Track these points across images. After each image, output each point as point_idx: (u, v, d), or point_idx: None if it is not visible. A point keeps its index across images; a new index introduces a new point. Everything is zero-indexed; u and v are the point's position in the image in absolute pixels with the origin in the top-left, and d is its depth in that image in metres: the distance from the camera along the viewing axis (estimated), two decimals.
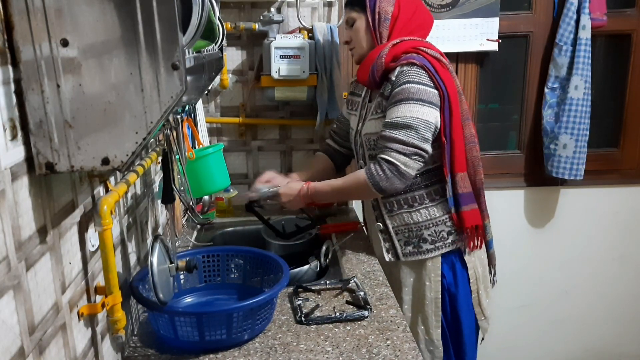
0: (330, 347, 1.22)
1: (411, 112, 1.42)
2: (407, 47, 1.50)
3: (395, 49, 1.50)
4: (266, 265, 1.45)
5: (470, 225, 1.54)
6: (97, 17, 0.74)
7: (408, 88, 1.44)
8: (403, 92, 1.44)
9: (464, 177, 1.52)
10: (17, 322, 0.74)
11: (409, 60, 1.47)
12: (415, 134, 1.42)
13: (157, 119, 0.79)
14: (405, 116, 1.42)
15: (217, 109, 2.15)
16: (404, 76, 1.46)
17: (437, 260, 1.57)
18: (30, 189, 0.79)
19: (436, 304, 1.58)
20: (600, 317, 2.53)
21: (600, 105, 2.29)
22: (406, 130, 1.42)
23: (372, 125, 1.57)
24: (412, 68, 1.45)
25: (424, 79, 1.45)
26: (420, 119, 1.42)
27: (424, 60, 1.47)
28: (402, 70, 1.47)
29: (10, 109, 0.74)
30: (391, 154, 1.43)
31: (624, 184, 2.39)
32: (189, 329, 1.18)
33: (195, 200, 1.72)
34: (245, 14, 2.05)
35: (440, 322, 1.59)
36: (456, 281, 1.58)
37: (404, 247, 1.59)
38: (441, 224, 1.56)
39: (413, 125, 1.42)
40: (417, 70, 1.45)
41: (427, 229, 1.56)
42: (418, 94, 1.43)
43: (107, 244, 0.97)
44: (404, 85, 1.45)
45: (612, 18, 2.18)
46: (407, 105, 1.43)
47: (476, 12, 2.13)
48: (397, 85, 1.46)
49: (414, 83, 1.44)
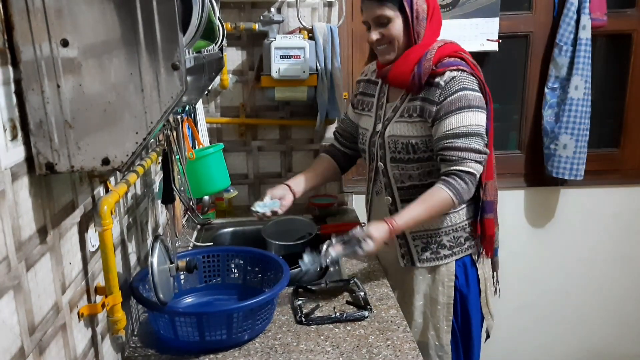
0: (330, 348, 1.22)
1: (475, 120, 1.41)
2: (450, 51, 1.46)
3: (441, 51, 1.45)
4: (266, 265, 1.45)
5: (491, 232, 1.55)
6: (97, 17, 0.74)
7: (466, 95, 1.41)
8: (462, 99, 1.41)
9: (492, 185, 1.52)
10: (17, 322, 0.74)
11: (458, 66, 1.43)
12: (482, 141, 1.42)
13: (157, 119, 0.79)
14: (471, 124, 1.41)
15: (217, 109, 2.15)
16: (458, 83, 1.42)
17: (452, 266, 1.55)
18: (31, 189, 0.79)
19: (448, 309, 1.56)
20: (600, 317, 2.53)
21: (600, 106, 2.29)
22: (476, 138, 1.41)
23: (401, 128, 1.50)
24: (463, 74, 1.43)
25: (475, 85, 1.43)
26: (482, 126, 1.42)
27: (468, 66, 1.45)
28: (454, 77, 1.42)
29: (10, 109, 0.74)
30: (469, 164, 1.40)
31: (624, 184, 2.39)
32: (189, 329, 1.18)
33: (195, 200, 1.72)
34: (246, 14, 2.05)
35: (450, 326, 1.57)
36: (468, 282, 1.57)
37: (421, 253, 1.56)
38: (460, 230, 1.55)
39: (480, 133, 1.41)
40: (468, 77, 1.43)
41: (446, 234, 1.54)
42: (475, 100, 1.42)
43: (107, 244, 0.97)
44: (461, 92, 1.41)
45: (613, 18, 2.18)
46: (471, 113, 1.41)
47: (476, 12, 2.13)
48: (451, 92, 1.41)
49: (470, 90, 1.42)
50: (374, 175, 1.60)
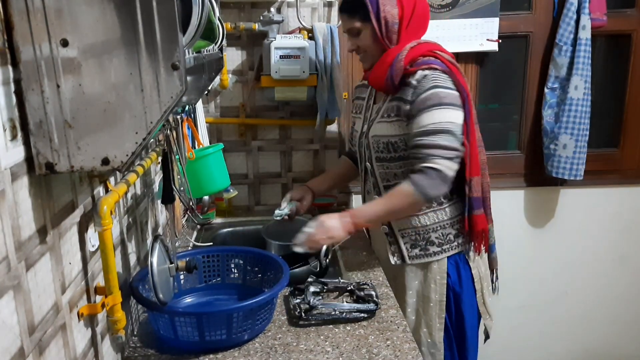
0: (330, 347, 1.22)
1: (445, 117, 1.42)
2: (424, 50, 1.48)
3: (413, 51, 1.47)
4: (266, 265, 1.45)
5: (480, 229, 1.53)
6: (97, 17, 0.74)
7: (437, 93, 1.42)
8: (433, 97, 1.42)
9: (477, 181, 1.51)
10: (17, 322, 0.74)
11: (430, 65, 1.44)
12: (454, 137, 1.42)
13: (157, 119, 0.78)
14: (441, 122, 1.41)
15: (217, 109, 2.15)
16: (429, 81, 1.43)
17: (443, 263, 1.56)
18: (30, 189, 0.78)
19: (440, 307, 1.57)
20: (600, 317, 2.53)
21: (600, 106, 2.29)
22: (446, 135, 1.41)
23: (382, 128, 1.54)
24: (435, 72, 1.43)
25: (448, 82, 1.43)
26: (454, 123, 1.42)
27: (442, 64, 1.46)
28: (425, 75, 1.44)
29: (10, 109, 0.74)
30: (436, 160, 1.41)
31: (624, 184, 2.39)
32: (189, 329, 1.18)
33: (195, 200, 1.72)
34: (245, 14, 2.05)
35: (443, 324, 1.58)
36: (460, 280, 1.58)
37: (411, 249, 1.58)
38: (449, 226, 1.56)
39: (450, 130, 1.41)
40: (441, 75, 1.43)
41: (434, 231, 1.55)
42: (447, 98, 1.42)
43: (107, 244, 0.97)
44: (432, 90, 1.42)
45: (612, 18, 2.18)
46: (441, 110, 1.42)
47: (476, 12, 2.13)
48: (423, 90, 1.43)
49: (442, 87, 1.42)
50: (364, 175, 1.67)
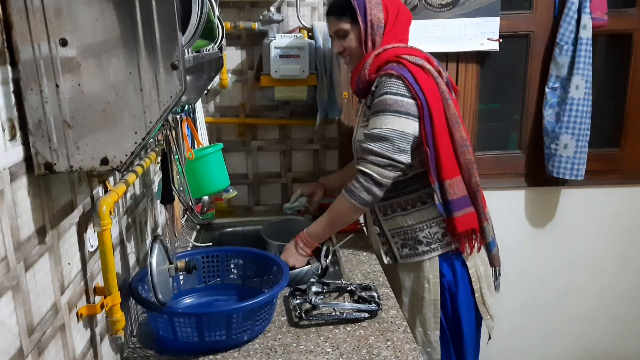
0: (330, 348, 1.22)
1: (387, 123, 1.44)
2: (389, 56, 1.51)
3: (378, 59, 1.52)
4: (266, 265, 1.44)
5: (463, 229, 1.52)
6: (96, 16, 0.74)
7: (385, 99, 1.45)
8: (381, 103, 1.46)
9: (453, 184, 1.50)
10: (16, 322, 0.73)
11: (387, 71, 1.48)
12: (391, 145, 1.44)
13: (157, 118, 0.78)
14: (382, 128, 1.45)
15: (216, 108, 2.15)
16: (382, 87, 1.47)
17: (435, 262, 1.57)
18: (29, 189, 0.78)
19: (435, 306, 1.58)
20: (600, 317, 2.53)
21: (601, 105, 2.29)
22: (382, 143, 1.44)
23: (360, 133, 1.59)
24: (390, 79, 1.46)
25: (401, 89, 1.45)
26: (396, 131, 1.44)
27: (403, 69, 1.47)
28: (381, 81, 1.48)
29: (9, 109, 0.74)
30: (367, 165, 1.46)
31: (624, 184, 2.39)
32: (189, 329, 1.18)
33: (194, 200, 1.72)
34: (245, 13, 2.05)
35: (439, 323, 1.59)
36: (456, 280, 1.58)
37: (401, 249, 1.60)
38: (435, 225, 1.56)
39: (389, 137, 1.44)
40: (395, 81, 1.46)
41: (421, 231, 1.57)
42: (395, 105, 1.44)
43: (106, 244, 0.97)
44: (382, 96, 1.46)
45: (613, 18, 2.18)
46: (384, 117, 1.45)
47: (477, 11, 2.12)
48: (376, 96, 1.49)
49: (391, 94, 1.45)
50: None
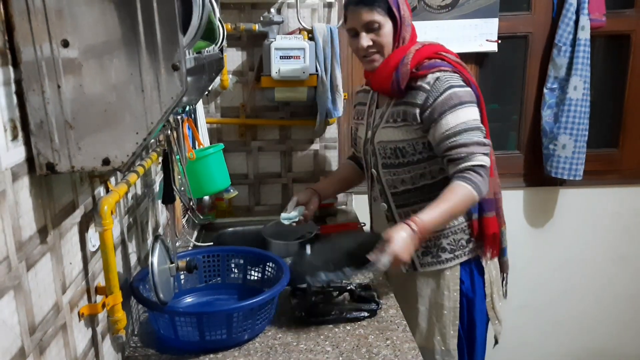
0: (330, 347, 1.22)
1: (469, 115, 1.41)
2: (429, 53, 1.46)
3: (418, 54, 1.44)
4: (266, 265, 1.45)
5: (491, 232, 1.51)
6: (97, 17, 0.74)
7: (455, 92, 1.40)
8: (453, 97, 1.40)
9: (491, 182, 1.47)
10: (18, 322, 0.74)
11: (439, 67, 1.43)
12: (482, 133, 1.42)
13: (158, 119, 0.79)
14: (468, 120, 1.40)
15: (217, 109, 2.15)
16: (443, 82, 1.41)
17: (456, 269, 1.53)
18: (31, 190, 0.79)
19: (454, 314, 1.54)
20: (600, 317, 2.53)
21: (599, 106, 2.29)
22: (477, 132, 1.40)
23: (387, 133, 1.50)
24: (446, 74, 1.42)
25: (461, 82, 1.43)
26: (478, 120, 1.42)
27: (449, 65, 1.45)
28: (438, 77, 1.42)
29: (11, 109, 0.74)
30: (479, 157, 1.37)
31: (623, 184, 2.39)
32: (190, 328, 1.19)
33: (195, 200, 1.72)
34: (246, 15, 2.05)
35: (457, 331, 1.55)
36: (473, 287, 1.55)
37: (422, 257, 1.54)
38: (460, 232, 1.53)
39: (479, 127, 1.41)
40: (453, 75, 1.43)
41: (445, 237, 1.52)
42: (466, 96, 1.41)
43: (107, 244, 0.97)
44: (449, 91, 1.40)
45: (611, 18, 2.18)
46: (464, 110, 1.40)
47: (475, 12, 2.13)
48: (439, 92, 1.40)
49: (457, 87, 1.41)
50: (370, 182, 1.63)
